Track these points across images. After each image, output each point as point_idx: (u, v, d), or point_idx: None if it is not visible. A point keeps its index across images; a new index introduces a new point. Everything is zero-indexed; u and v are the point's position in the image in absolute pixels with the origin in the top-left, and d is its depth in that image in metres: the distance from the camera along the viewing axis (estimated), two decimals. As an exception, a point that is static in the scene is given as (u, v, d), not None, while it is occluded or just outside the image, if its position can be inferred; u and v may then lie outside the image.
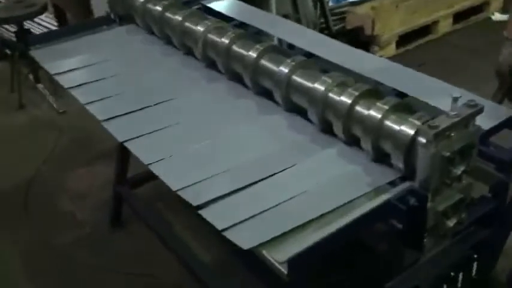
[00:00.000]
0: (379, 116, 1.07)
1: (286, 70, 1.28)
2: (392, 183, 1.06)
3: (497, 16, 3.83)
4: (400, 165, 1.05)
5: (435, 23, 3.60)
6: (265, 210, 1.02)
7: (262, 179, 1.11)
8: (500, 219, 1.20)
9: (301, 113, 1.30)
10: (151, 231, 1.92)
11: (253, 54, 1.37)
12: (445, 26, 3.66)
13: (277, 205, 1.03)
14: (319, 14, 3.35)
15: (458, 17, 3.72)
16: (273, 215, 1.01)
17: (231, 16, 1.73)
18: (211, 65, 1.56)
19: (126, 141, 1.28)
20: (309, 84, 1.23)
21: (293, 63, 1.29)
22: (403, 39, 3.47)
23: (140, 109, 1.40)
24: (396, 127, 1.05)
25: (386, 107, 1.08)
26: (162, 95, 1.46)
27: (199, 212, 1.03)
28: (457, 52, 3.40)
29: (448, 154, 0.96)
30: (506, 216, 1.22)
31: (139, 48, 1.75)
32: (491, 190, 1.17)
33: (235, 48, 1.43)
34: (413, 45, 3.52)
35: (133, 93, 1.49)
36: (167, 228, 1.93)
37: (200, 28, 1.52)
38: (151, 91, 1.49)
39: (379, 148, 1.10)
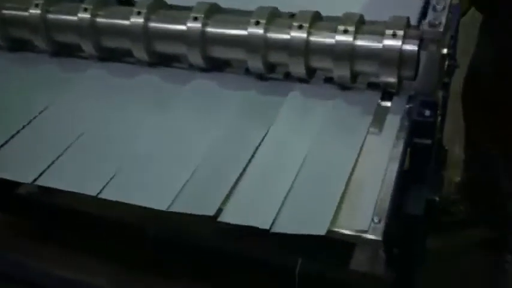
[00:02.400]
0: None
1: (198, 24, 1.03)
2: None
3: None
4: (393, 79, 0.95)
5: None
6: (289, 192, 0.83)
7: (248, 163, 0.89)
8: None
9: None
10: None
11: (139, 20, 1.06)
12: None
13: (294, 180, 0.85)
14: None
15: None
16: (300, 193, 0.83)
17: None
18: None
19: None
20: (241, 31, 1.01)
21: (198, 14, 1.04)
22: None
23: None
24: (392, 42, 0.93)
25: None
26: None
27: (224, 220, 0.80)
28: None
29: (446, 51, 0.90)
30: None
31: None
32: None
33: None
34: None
35: None
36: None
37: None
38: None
39: (355, 72, 0.98)
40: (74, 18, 1.14)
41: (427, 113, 0.91)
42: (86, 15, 1.12)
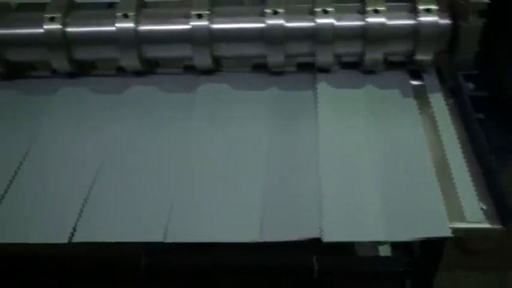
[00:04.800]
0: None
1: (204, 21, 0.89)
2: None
3: None
4: (428, 56, 0.91)
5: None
6: (383, 197, 0.74)
7: (320, 173, 0.77)
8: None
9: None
10: None
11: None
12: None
13: (379, 182, 0.77)
14: None
15: None
16: (393, 195, 0.75)
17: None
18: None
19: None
20: (257, 24, 0.90)
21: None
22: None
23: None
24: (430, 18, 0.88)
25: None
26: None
27: (330, 240, 0.70)
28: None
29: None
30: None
31: None
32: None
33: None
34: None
35: None
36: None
37: None
38: None
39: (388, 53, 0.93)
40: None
41: (471, 86, 0.89)
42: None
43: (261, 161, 0.81)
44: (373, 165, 0.79)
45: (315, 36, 0.89)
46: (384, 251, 1.32)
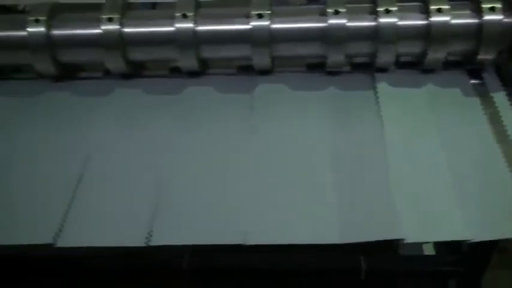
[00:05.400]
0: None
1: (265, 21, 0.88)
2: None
3: None
4: (491, 56, 0.90)
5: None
6: (462, 195, 0.74)
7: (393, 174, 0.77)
8: None
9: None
10: None
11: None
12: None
13: (456, 179, 0.76)
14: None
15: None
16: (471, 191, 0.75)
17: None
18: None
19: None
20: (318, 24, 0.88)
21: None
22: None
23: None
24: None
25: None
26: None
27: (416, 241, 0.70)
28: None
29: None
30: None
31: None
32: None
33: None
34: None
35: None
36: None
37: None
38: None
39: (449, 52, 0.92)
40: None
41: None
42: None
43: (326, 160, 0.81)
44: (443, 163, 0.78)
45: (377, 36, 0.89)
46: (428, 250, 1.31)
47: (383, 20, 0.88)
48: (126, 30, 0.91)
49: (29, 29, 0.91)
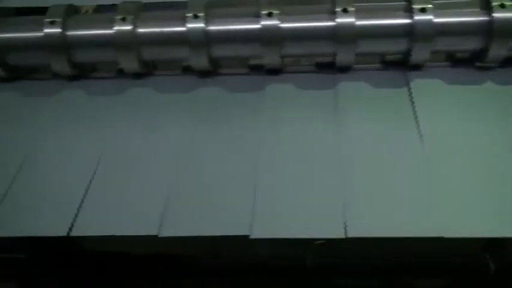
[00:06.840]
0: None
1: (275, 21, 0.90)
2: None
3: None
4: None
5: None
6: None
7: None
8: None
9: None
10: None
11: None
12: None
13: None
14: None
15: None
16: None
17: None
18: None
19: None
20: (327, 23, 0.90)
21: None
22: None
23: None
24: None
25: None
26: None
27: (453, 236, 0.71)
28: None
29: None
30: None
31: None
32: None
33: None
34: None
35: None
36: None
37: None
38: None
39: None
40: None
41: None
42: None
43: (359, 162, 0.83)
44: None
45: (413, 33, 0.89)
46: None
47: (418, 17, 0.88)
48: (139, 30, 0.93)
49: (46, 30, 0.94)
